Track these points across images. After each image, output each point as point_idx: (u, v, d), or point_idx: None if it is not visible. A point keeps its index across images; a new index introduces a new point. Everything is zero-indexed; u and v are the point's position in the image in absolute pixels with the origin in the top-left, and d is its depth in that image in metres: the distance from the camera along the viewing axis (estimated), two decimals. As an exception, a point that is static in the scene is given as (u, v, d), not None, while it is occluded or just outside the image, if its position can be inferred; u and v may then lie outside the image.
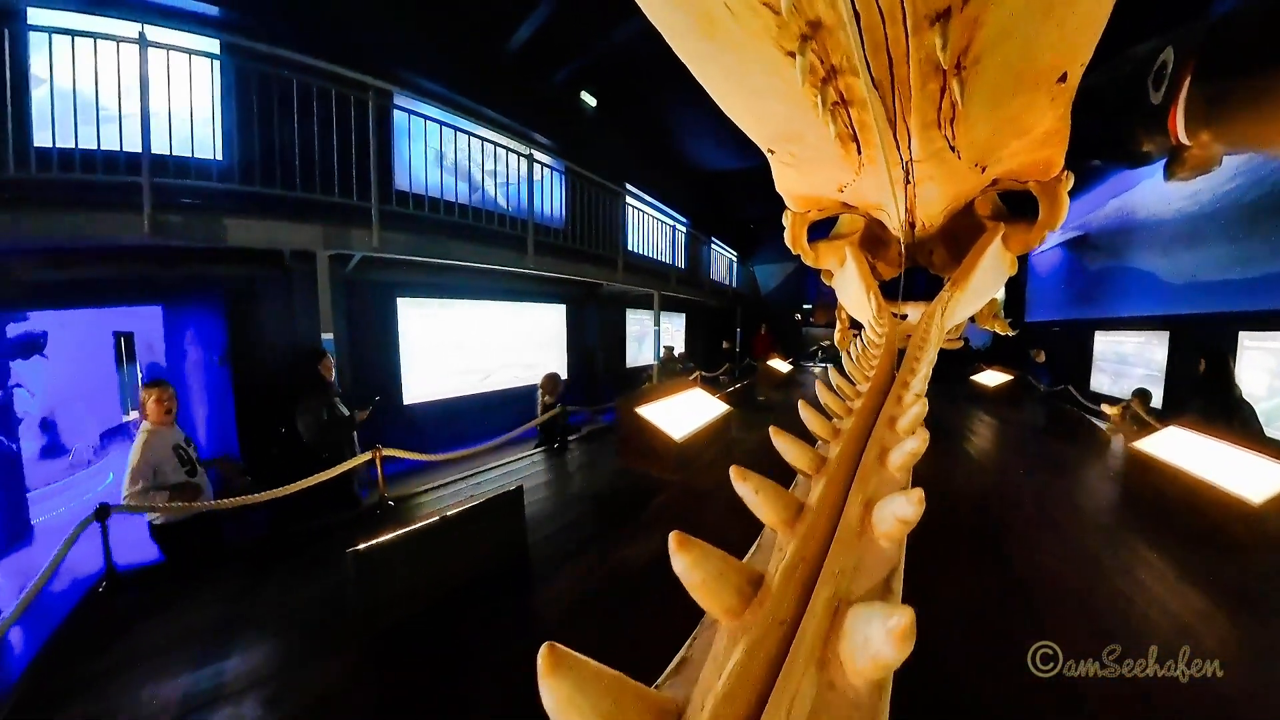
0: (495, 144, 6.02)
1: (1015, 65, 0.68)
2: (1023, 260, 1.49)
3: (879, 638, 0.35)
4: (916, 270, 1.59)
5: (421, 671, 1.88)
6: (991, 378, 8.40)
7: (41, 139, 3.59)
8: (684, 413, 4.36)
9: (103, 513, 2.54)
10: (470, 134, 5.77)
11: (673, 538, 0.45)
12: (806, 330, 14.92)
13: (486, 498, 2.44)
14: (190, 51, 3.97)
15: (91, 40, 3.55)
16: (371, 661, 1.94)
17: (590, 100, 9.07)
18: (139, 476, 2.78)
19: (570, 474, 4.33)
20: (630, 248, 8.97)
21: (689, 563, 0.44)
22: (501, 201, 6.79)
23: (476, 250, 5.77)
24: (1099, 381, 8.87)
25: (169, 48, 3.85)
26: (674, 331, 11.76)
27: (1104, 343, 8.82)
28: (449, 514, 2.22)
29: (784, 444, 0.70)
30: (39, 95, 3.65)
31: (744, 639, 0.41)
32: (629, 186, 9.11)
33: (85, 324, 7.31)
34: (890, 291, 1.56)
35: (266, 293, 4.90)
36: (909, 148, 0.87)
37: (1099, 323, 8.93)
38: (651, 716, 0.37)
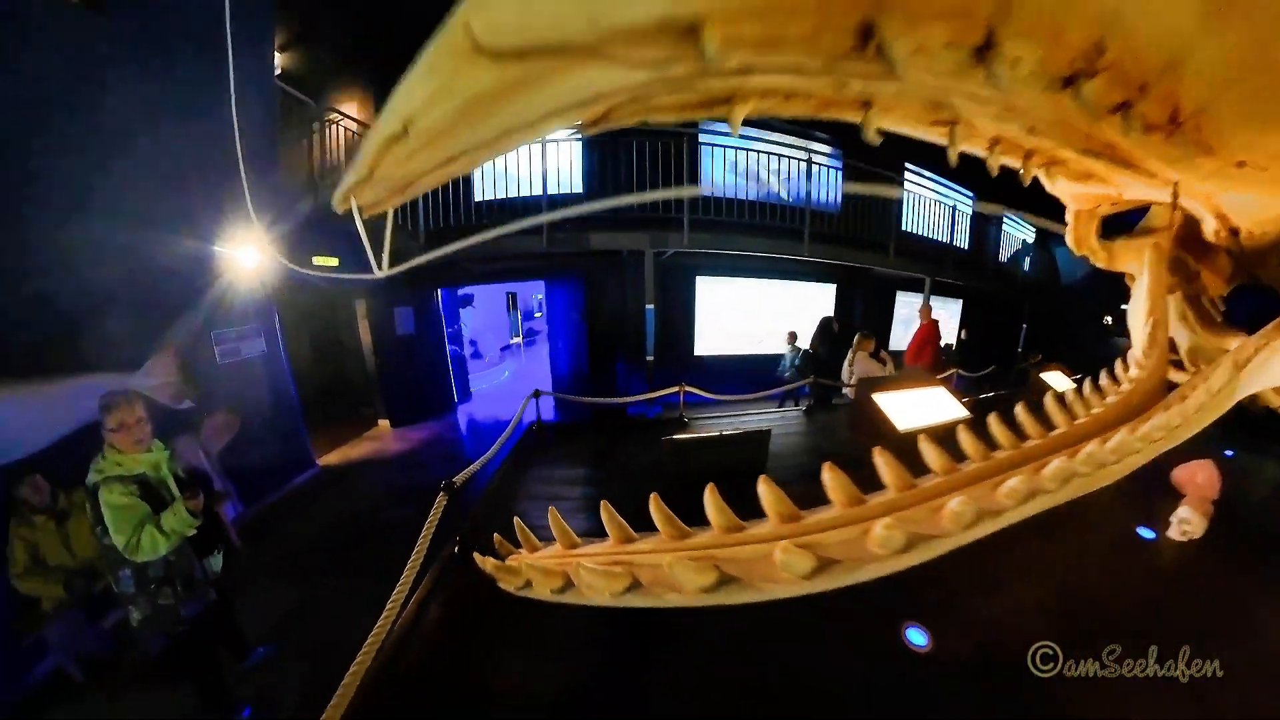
0: (777, 153, 7.14)
1: (1249, 105, 0.58)
2: None
3: None
4: (1248, 289, 1.12)
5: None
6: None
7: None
8: (917, 407, 4.21)
9: (536, 394, 4.69)
10: (759, 141, 7.07)
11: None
12: (1115, 341, 10.25)
13: (746, 430, 3.62)
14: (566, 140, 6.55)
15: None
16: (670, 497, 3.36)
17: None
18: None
19: (810, 431, 5.12)
20: (906, 228, 8.87)
21: None
22: (783, 194, 7.70)
23: (761, 242, 7.04)
24: None
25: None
26: (948, 319, 10.93)
27: None
28: (726, 431, 3.54)
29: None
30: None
31: None
32: (909, 166, 9.00)
33: (491, 288, 11.97)
34: (1209, 316, 1.13)
35: (609, 276, 7.51)
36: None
37: None
38: None
